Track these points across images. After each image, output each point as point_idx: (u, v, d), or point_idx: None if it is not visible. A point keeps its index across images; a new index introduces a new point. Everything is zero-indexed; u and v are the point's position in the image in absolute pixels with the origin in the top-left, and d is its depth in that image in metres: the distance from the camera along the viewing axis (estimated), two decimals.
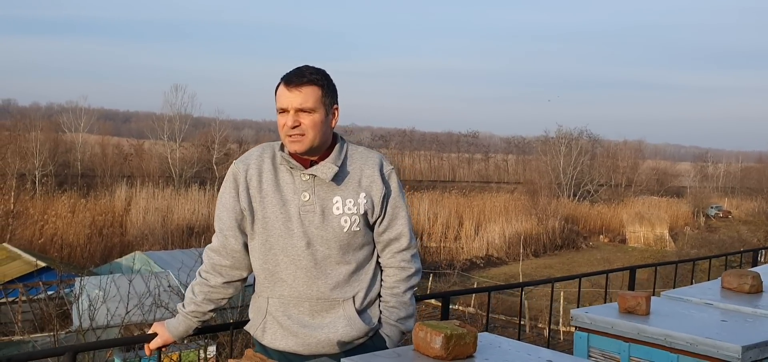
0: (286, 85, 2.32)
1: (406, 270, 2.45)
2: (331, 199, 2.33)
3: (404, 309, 2.46)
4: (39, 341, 13.12)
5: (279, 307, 2.36)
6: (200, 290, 2.45)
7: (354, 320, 2.36)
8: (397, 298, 2.44)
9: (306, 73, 2.33)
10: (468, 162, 78.92)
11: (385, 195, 2.39)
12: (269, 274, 2.37)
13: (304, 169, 2.34)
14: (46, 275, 16.31)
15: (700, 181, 76.88)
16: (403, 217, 2.44)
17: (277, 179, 2.36)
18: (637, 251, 39.61)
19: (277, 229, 2.33)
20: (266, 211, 2.34)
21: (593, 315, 2.81)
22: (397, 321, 2.45)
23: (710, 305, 3.04)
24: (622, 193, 58.38)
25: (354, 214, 2.34)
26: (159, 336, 2.50)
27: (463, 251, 35.47)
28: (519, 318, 10.73)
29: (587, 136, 60.56)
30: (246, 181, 2.37)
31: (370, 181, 2.38)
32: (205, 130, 55.13)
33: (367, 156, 2.43)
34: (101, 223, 29.81)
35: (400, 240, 2.43)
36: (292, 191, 2.34)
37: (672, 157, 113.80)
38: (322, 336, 2.33)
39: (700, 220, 50.96)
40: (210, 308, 2.46)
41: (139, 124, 75.49)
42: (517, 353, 2.13)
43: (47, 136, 44.55)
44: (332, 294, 2.34)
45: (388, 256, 2.44)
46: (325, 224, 2.32)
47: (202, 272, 2.46)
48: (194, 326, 2.49)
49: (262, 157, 2.40)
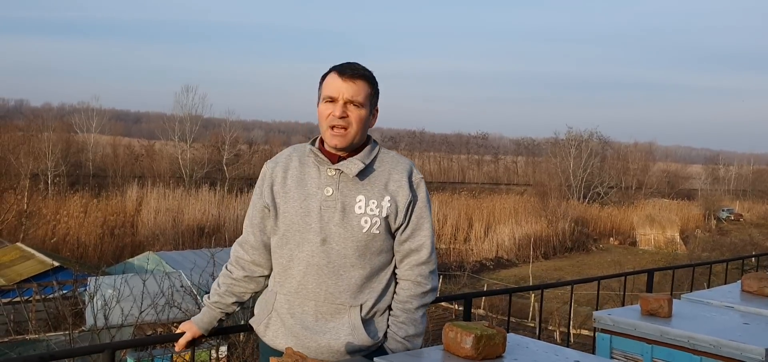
0: (340, 74, 2.27)
1: (422, 285, 2.34)
2: (354, 197, 2.27)
3: (413, 327, 2.34)
4: (52, 340, 13.21)
5: (284, 304, 2.32)
6: (224, 281, 2.46)
7: (358, 330, 2.27)
8: (407, 314, 2.33)
9: (360, 67, 2.31)
10: (478, 163, 78.84)
11: (410, 203, 2.31)
12: (282, 269, 2.34)
13: (331, 164, 2.29)
14: (60, 274, 16.43)
15: (712, 183, 76.47)
16: (427, 229, 2.35)
17: (302, 174, 2.33)
18: (648, 254, 39.45)
19: (294, 224, 2.29)
20: (287, 206, 2.31)
21: (616, 317, 2.84)
22: (405, 338, 2.33)
23: (731, 308, 3.06)
24: (632, 195, 58.16)
25: (375, 216, 2.26)
26: (188, 332, 2.52)
27: (472, 253, 35.44)
28: (537, 320, 10.71)
29: (597, 137, 60.42)
30: (272, 178, 2.36)
31: (397, 186, 2.31)
32: (215, 131, 55.33)
33: (397, 160, 2.38)
34: (113, 223, 30.00)
35: (421, 253, 2.34)
36: (316, 186, 2.29)
37: (683, 159, 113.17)
38: (324, 342, 2.26)
39: (712, 223, 50.71)
40: (232, 300, 2.46)
41: (149, 124, 75.85)
42: (544, 354, 2.17)
43: (59, 137, 44.83)
44: (340, 297, 2.27)
45: (406, 268, 2.35)
46: (345, 222, 2.25)
47: (228, 265, 2.47)
48: (218, 317, 2.50)
49: (291, 156, 2.39)
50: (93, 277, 12.19)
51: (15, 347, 12.92)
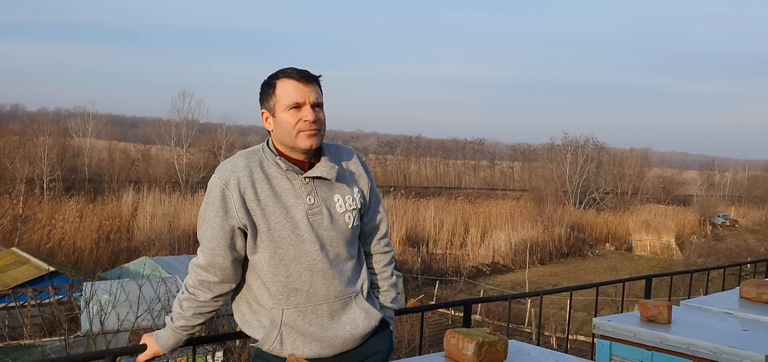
0: (300, 79, 2.27)
1: (388, 253, 2.56)
2: (332, 198, 2.33)
3: (394, 290, 2.56)
4: (48, 345, 13.16)
5: (297, 316, 2.30)
6: (189, 305, 2.36)
7: (369, 310, 2.40)
8: (387, 281, 2.54)
9: (307, 71, 2.32)
10: (474, 169, 78.91)
11: (371, 187, 2.47)
12: (282, 286, 2.28)
13: (303, 172, 2.29)
14: (56, 280, 16.38)
15: (707, 189, 76.69)
16: (381, 204, 2.55)
17: (272, 187, 2.27)
18: (644, 259, 39.51)
19: (285, 239, 2.26)
20: (270, 223, 2.25)
21: (616, 323, 2.85)
22: (392, 302, 2.54)
23: (730, 314, 3.07)
24: (628, 201, 58.29)
25: (353, 209, 2.37)
26: (149, 348, 2.43)
27: (468, 258, 35.43)
28: (537, 326, 10.72)
29: (593, 143, 60.56)
30: (241, 197, 2.24)
31: (357, 175, 2.44)
32: (211, 136, 55.28)
33: (346, 152, 2.48)
34: (108, 228, 29.91)
35: (381, 226, 2.53)
36: (293, 196, 2.27)
37: (678, 165, 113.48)
38: (346, 333, 2.34)
39: (707, 229, 50.81)
40: (200, 321, 2.41)
41: (146, 129, 75.74)
42: (546, 360, 2.17)
43: (55, 141, 44.71)
44: (346, 290, 2.35)
45: (374, 243, 2.52)
46: (334, 224, 2.31)
47: (189, 287, 2.35)
48: (184, 339, 2.43)
49: (249, 167, 2.28)
50: (89, 282, 12.14)
51: (10, 352, 12.86)
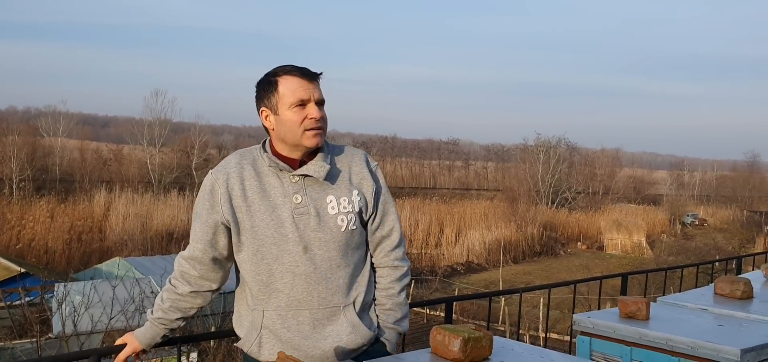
0: (304, 77, 2.23)
1: (399, 268, 2.38)
2: (324, 199, 2.24)
3: (400, 310, 2.38)
4: (18, 347, 12.96)
5: (276, 320, 2.24)
6: (168, 297, 2.34)
7: (358, 326, 2.26)
8: (392, 299, 2.37)
9: (310, 69, 2.28)
10: (448, 169, 79.22)
11: (376, 192, 2.34)
12: (263, 285, 2.24)
13: (293, 170, 2.24)
14: (27, 281, 16.11)
15: (677, 189, 77.93)
16: (393, 213, 2.39)
17: (262, 185, 2.24)
18: (615, 258, 40.02)
19: (268, 237, 2.20)
20: (254, 220, 2.21)
21: (595, 319, 2.90)
22: (395, 323, 2.37)
23: (705, 310, 3.14)
24: (599, 201, 58.97)
25: (350, 212, 2.25)
26: (128, 345, 2.40)
27: (443, 257, 35.61)
28: (518, 322, 10.77)
29: (565, 144, 61.15)
30: (227, 192, 2.23)
31: (360, 178, 2.32)
32: (184, 135, 54.77)
33: (352, 153, 2.37)
34: (80, 229, 29.53)
35: (392, 237, 2.37)
36: (281, 195, 2.23)
37: (648, 165, 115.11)
38: (327, 347, 2.23)
39: (677, 228, 51.61)
40: (177, 316, 2.35)
41: (118, 128, 74.84)
42: (529, 356, 2.21)
43: (25, 141, 43.95)
44: (334, 299, 2.24)
45: (381, 255, 2.37)
46: (322, 225, 2.21)
47: (171, 279, 2.35)
48: (161, 333, 2.39)
49: (241, 164, 2.27)
50: (61, 284, 11.97)
51: None
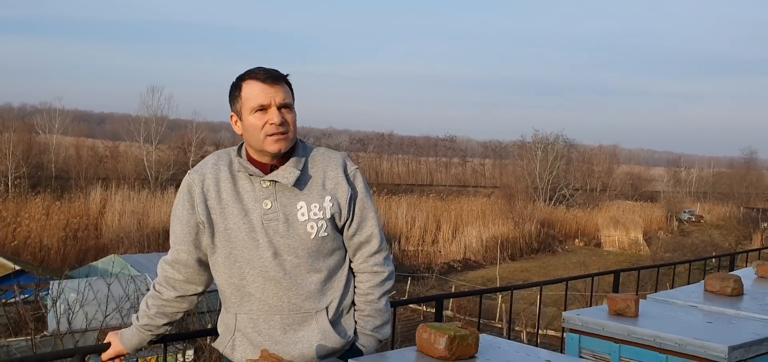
0: (265, 81, 2.19)
1: (379, 274, 2.33)
2: (294, 205, 2.21)
3: (380, 317, 2.34)
4: (13, 345, 12.94)
5: (248, 323, 2.24)
6: (153, 303, 2.33)
7: (328, 333, 2.24)
8: (371, 306, 2.32)
9: (274, 70, 2.23)
10: (446, 166, 79.22)
11: (351, 197, 2.28)
12: (236, 289, 2.24)
13: (263, 175, 2.21)
14: (22, 278, 16.10)
15: (674, 185, 77.98)
16: (372, 218, 2.33)
17: (236, 188, 2.23)
18: (613, 255, 40.04)
19: (241, 241, 2.20)
20: (228, 223, 2.21)
21: (584, 317, 2.89)
22: (374, 330, 2.34)
23: (695, 307, 3.14)
24: (597, 198, 58.96)
25: (320, 219, 2.22)
26: (112, 347, 2.39)
27: (440, 254, 35.59)
28: (507, 321, 10.80)
29: (563, 141, 61.05)
30: (203, 193, 2.24)
31: (334, 183, 2.26)
32: (181, 132, 54.67)
33: (329, 157, 2.31)
34: (76, 226, 29.46)
35: (371, 243, 2.32)
36: (253, 199, 2.21)
37: (646, 162, 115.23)
38: (296, 352, 2.21)
39: (674, 225, 51.68)
40: (163, 322, 2.35)
41: (114, 125, 74.63)
42: (516, 353, 2.20)
43: (20, 137, 43.81)
44: (305, 305, 2.23)
45: (360, 260, 2.33)
46: (291, 232, 2.20)
47: (156, 285, 2.34)
48: (148, 339, 2.38)
49: (217, 166, 2.26)
50: (56, 281, 11.94)
51: None
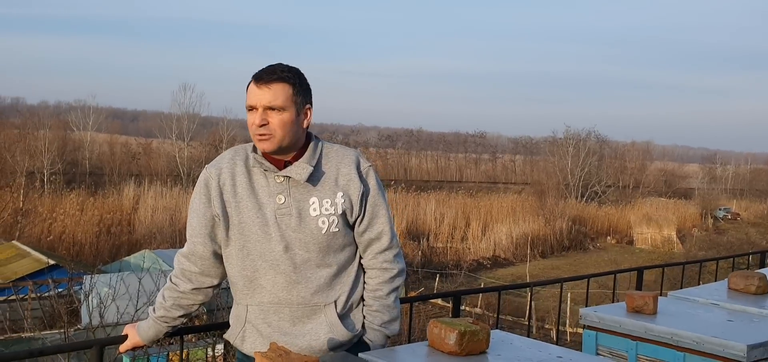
0: (256, 82, 2.25)
1: (388, 271, 2.37)
2: (307, 201, 2.26)
3: (388, 313, 2.38)
4: (48, 338, 13.22)
5: (259, 315, 2.30)
6: (169, 295, 2.38)
7: (336, 326, 2.29)
8: (380, 301, 2.36)
9: (277, 70, 2.27)
10: (475, 162, 78.85)
11: (363, 194, 2.32)
12: (248, 281, 2.30)
13: (277, 171, 2.27)
14: (56, 273, 16.43)
15: (709, 182, 76.60)
16: (384, 216, 2.36)
17: (251, 182, 2.29)
18: (645, 253, 39.51)
19: (254, 234, 2.26)
20: (242, 216, 2.27)
21: (602, 314, 2.87)
22: (381, 326, 2.38)
23: (716, 305, 3.09)
24: (629, 195, 58.22)
25: (332, 215, 2.26)
26: (129, 339, 2.44)
27: (469, 252, 35.45)
28: (527, 318, 10.74)
29: (595, 137, 60.46)
30: (219, 187, 2.30)
31: (347, 180, 2.30)
32: (213, 130, 55.30)
33: (343, 154, 2.35)
34: (109, 221, 29.92)
35: (381, 240, 2.36)
36: (267, 194, 2.27)
37: (680, 159, 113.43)
38: (304, 344, 2.26)
39: (709, 222, 50.75)
40: (179, 313, 2.40)
41: (147, 122, 75.81)
42: (528, 349, 2.19)
43: (56, 135, 44.73)
44: (313, 299, 2.27)
45: (370, 257, 2.37)
46: (302, 226, 2.25)
47: (172, 277, 2.40)
48: (164, 331, 2.43)
49: (234, 160, 2.33)
50: (88, 275, 12.17)
51: (10, 345, 12.92)
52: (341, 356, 2.22)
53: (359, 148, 50.06)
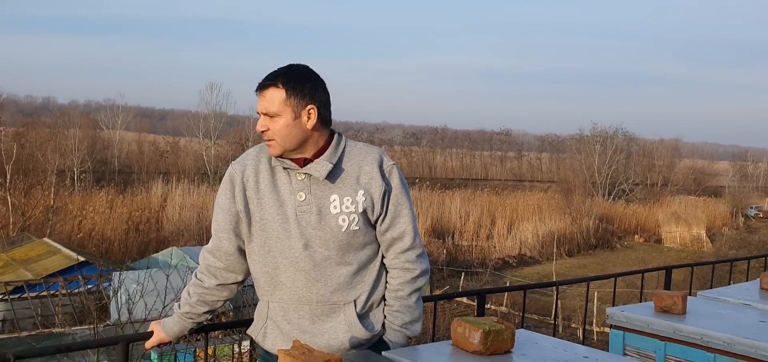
0: (256, 90, 2.29)
1: (410, 271, 2.33)
2: (328, 198, 2.25)
3: (409, 314, 2.34)
4: (78, 333, 13.40)
5: (279, 312, 2.31)
6: (195, 291, 2.39)
7: (355, 325, 2.27)
8: (401, 302, 2.33)
9: (271, 75, 2.26)
10: (501, 160, 78.50)
11: (385, 192, 2.28)
12: (269, 278, 2.30)
13: (299, 168, 2.26)
14: (86, 269, 16.66)
15: (740, 180, 75.29)
16: (407, 215, 2.32)
17: (274, 180, 2.29)
18: (673, 251, 38.98)
19: (275, 231, 2.26)
20: (264, 213, 2.27)
21: (629, 313, 2.82)
22: (402, 326, 2.34)
23: (748, 305, 3.02)
24: (657, 193, 57.49)
25: (352, 213, 2.24)
26: (155, 335, 2.46)
27: (495, 250, 35.27)
28: (553, 317, 10.67)
29: (623, 134, 59.75)
30: (242, 183, 2.31)
31: (368, 178, 2.27)
32: (239, 128, 55.70)
33: (365, 152, 2.32)
34: (138, 219, 30.29)
35: (404, 239, 2.32)
36: (288, 191, 2.27)
37: (710, 156, 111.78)
38: (322, 343, 2.24)
39: (739, 221, 49.90)
40: (204, 309, 2.41)
41: (174, 121, 76.64)
42: (553, 349, 2.16)
43: (85, 133, 45.41)
44: (333, 297, 2.26)
45: (392, 257, 2.33)
46: (322, 224, 2.23)
47: (197, 273, 2.40)
48: (189, 327, 2.44)
49: (258, 158, 2.34)
50: (117, 272, 12.33)
51: (42, 340, 13.13)
52: (364, 354, 2.20)
53: (384, 146, 50.08)
